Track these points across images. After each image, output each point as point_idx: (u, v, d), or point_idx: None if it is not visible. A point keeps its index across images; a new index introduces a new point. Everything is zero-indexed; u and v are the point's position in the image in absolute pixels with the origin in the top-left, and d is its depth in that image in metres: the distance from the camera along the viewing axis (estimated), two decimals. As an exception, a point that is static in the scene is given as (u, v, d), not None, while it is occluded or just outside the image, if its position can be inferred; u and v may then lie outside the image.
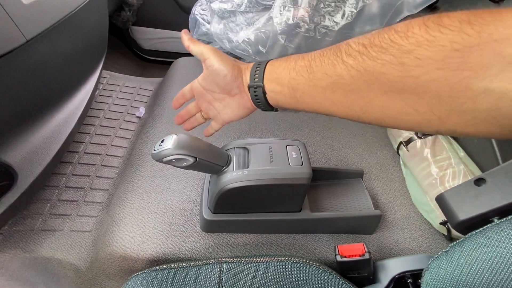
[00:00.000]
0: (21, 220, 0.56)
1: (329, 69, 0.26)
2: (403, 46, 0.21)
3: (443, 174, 0.56)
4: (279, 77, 0.31)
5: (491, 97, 0.18)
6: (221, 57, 0.35)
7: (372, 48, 0.23)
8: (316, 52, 0.28)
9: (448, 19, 0.19)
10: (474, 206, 0.34)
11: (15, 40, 0.44)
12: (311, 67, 0.28)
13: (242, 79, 0.35)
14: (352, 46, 0.24)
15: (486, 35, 0.17)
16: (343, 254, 0.42)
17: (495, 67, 0.17)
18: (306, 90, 0.29)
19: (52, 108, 0.59)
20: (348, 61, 0.24)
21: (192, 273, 0.38)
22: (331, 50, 0.27)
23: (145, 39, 1.21)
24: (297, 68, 0.29)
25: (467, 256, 0.32)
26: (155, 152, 0.38)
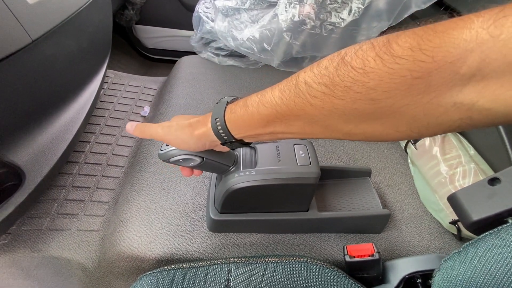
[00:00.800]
0: (29, 219, 0.56)
1: (300, 112, 0.25)
2: (367, 83, 0.21)
3: (453, 173, 0.55)
4: (248, 129, 0.31)
5: (461, 109, 0.19)
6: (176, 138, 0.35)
7: (336, 88, 0.22)
8: (275, 95, 0.27)
9: (399, 48, 0.19)
10: (488, 206, 0.33)
11: (21, 41, 0.44)
12: (279, 113, 0.27)
13: (210, 141, 0.34)
14: (313, 87, 0.24)
15: (440, 59, 0.18)
16: (352, 254, 0.42)
17: (457, 85, 0.18)
18: (284, 130, 0.28)
19: (58, 108, 0.59)
20: (316, 103, 0.24)
21: (201, 274, 0.38)
22: (291, 92, 0.26)
23: (149, 38, 1.21)
24: (263, 117, 0.28)
25: (480, 257, 0.31)
26: (162, 152, 0.38)
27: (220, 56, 0.90)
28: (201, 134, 0.34)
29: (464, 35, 0.17)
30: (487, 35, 0.17)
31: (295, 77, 0.26)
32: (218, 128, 0.32)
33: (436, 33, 0.18)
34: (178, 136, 0.35)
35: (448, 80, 0.18)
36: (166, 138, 0.36)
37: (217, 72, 0.87)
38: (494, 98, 0.17)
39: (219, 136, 0.32)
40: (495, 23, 0.16)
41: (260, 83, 0.84)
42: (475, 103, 0.18)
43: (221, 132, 0.32)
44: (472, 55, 0.17)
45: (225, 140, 0.33)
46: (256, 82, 0.84)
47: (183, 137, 0.35)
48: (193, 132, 0.34)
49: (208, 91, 0.80)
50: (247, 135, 0.32)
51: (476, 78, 0.18)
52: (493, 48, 0.16)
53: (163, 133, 0.36)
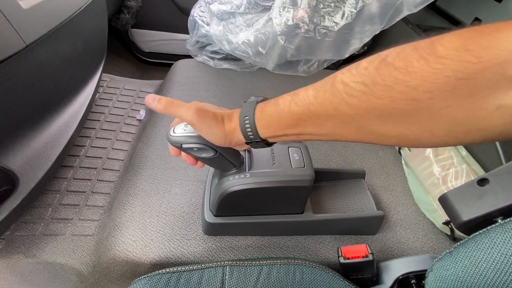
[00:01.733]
0: (23, 225, 0.56)
1: (334, 111, 0.25)
2: (409, 82, 0.20)
3: (446, 174, 0.56)
4: (277, 128, 0.30)
5: (505, 113, 0.19)
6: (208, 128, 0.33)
7: (376, 87, 0.22)
8: (309, 94, 0.27)
9: (443, 48, 0.19)
10: (478, 207, 0.34)
11: (15, 45, 0.44)
12: (311, 112, 0.26)
13: (236, 139, 0.33)
14: (351, 86, 0.24)
15: (487, 59, 0.18)
16: (346, 256, 0.42)
17: (502, 87, 0.18)
18: (313, 131, 0.28)
19: (52, 112, 0.59)
20: (353, 102, 0.24)
21: (195, 277, 0.38)
22: (326, 91, 0.25)
23: (144, 42, 1.21)
24: (294, 115, 0.28)
25: (471, 257, 0.32)
26: (176, 135, 0.35)
27: (216, 60, 0.90)
28: (230, 131, 0.33)
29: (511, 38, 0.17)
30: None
31: (331, 77, 0.26)
32: (246, 126, 0.31)
33: (482, 35, 0.18)
34: (211, 127, 0.33)
35: (493, 82, 0.18)
36: (198, 126, 0.33)
37: (212, 76, 0.87)
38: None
39: (246, 134, 0.32)
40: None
41: (256, 86, 0.84)
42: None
43: (248, 131, 0.31)
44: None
45: (250, 139, 0.32)
46: (252, 85, 0.85)
47: (216, 131, 0.33)
48: (223, 127, 0.33)
49: (203, 94, 0.80)
50: (274, 135, 0.31)
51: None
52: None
53: (196, 119, 0.32)
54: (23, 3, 0.46)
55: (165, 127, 0.70)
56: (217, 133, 0.33)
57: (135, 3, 1.09)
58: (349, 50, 0.74)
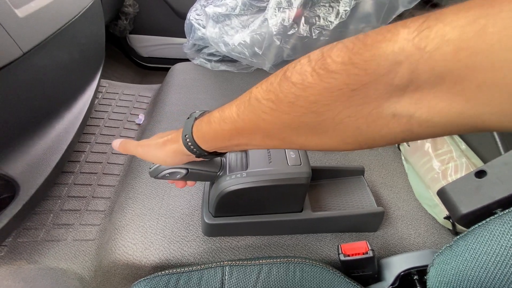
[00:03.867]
0: (25, 231, 0.56)
1: (255, 127, 0.26)
2: (307, 98, 0.21)
3: (445, 168, 0.55)
4: (214, 143, 0.32)
5: (401, 121, 0.19)
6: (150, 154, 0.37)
7: (281, 104, 0.23)
8: (233, 111, 0.28)
9: (333, 63, 0.19)
10: (476, 199, 0.33)
11: (12, 53, 0.45)
12: (238, 129, 0.28)
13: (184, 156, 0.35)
14: (263, 103, 0.24)
15: (372, 71, 0.18)
16: (346, 253, 0.42)
17: (394, 96, 0.18)
18: (247, 142, 0.29)
19: (51, 119, 0.59)
20: (267, 118, 0.24)
21: (195, 278, 0.38)
22: (246, 109, 0.26)
23: (142, 47, 1.22)
24: (225, 133, 0.29)
25: (471, 250, 0.32)
26: (151, 170, 0.40)
27: (213, 62, 0.91)
28: (175, 151, 0.35)
29: (392, 47, 0.17)
30: (413, 47, 0.16)
31: (248, 93, 0.27)
32: (189, 144, 0.33)
33: (366, 46, 0.18)
34: (155, 154, 0.37)
35: (384, 91, 0.18)
36: (146, 157, 0.38)
37: (210, 78, 0.88)
38: (430, 109, 0.17)
39: (191, 150, 0.34)
40: (420, 34, 0.16)
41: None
42: (413, 115, 0.18)
43: (192, 148, 0.33)
44: (401, 67, 0.17)
45: (198, 154, 0.34)
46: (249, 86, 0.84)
47: (160, 155, 0.36)
48: (167, 149, 0.36)
49: (201, 97, 0.80)
50: (216, 148, 0.33)
51: (410, 89, 0.17)
52: (420, 60, 0.16)
53: (142, 152, 0.38)
54: (19, 11, 0.46)
55: (164, 130, 0.71)
56: (161, 157, 0.36)
57: (132, 9, 1.10)
58: (345, 48, 0.74)
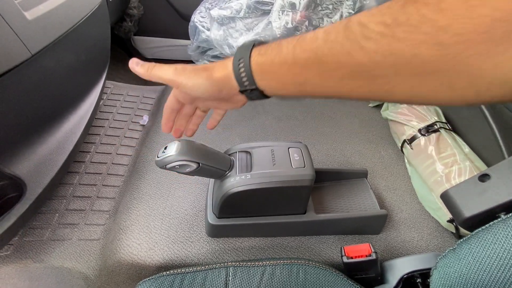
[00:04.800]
0: (31, 230, 0.57)
1: (345, 57, 0.22)
2: (438, 22, 0.17)
3: (449, 171, 0.55)
4: (276, 77, 0.27)
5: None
6: (189, 80, 0.31)
7: (399, 28, 0.19)
8: (318, 36, 0.23)
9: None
10: (480, 203, 0.33)
11: (21, 55, 0.46)
12: (319, 58, 0.23)
13: (228, 89, 0.30)
14: (369, 27, 0.20)
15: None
16: (350, 255, 0.42)
17: None
18: (318, 83, 0.24)
19: (57, 120, 0.60)
20: (369, 46, 0.20)
21: (199, 278, 0.38)
22: (339, 33, 0.22)
23: (147, 49, 1.23)
24: (299, 61, 0.24)
25: (474, 253, 0.32)
26: (159, 159, 0.39)
27: (217, 64, 0.91)
28: (220, 78, 0.30)
29: None
30: None
31: (346, 20, 0.22)
32: (241, 70, 0.28)
33: None
34: (192, 77, 0.30)
35: None
36: (178, 80, 0.31)
37: (214, 80, 0.88)
38: None
39: (240, 80, 0.28)
40: None
41: (257, 89, 0.85)
42: None
43: (242, 76, 0.28)
44: None
45: (245, 87, 0.29)
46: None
47: (197, 80, 0.30)
48: (210, 75, 0.30)
49: (205, 99, 0.81)
50: (272, 85, 0.28)
51: None
52: None
53: (174, 74, 0.31)
54: (28, 14, 0.47)
55: (168, 131, 0.71)
56: (199, 82, 0.30)
57: (137, 11, 1.11)
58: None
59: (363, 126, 0.76)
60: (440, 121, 0.64)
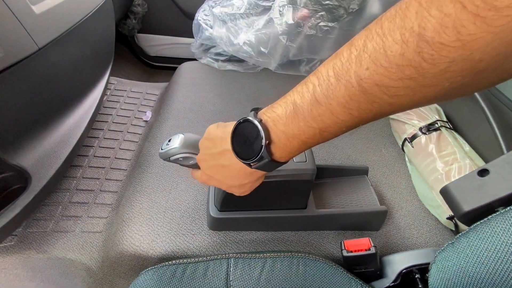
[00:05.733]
0: (35, 222, 0.58)
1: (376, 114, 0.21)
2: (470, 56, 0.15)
3: (449, 169, 0.56)
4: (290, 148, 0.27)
5: None
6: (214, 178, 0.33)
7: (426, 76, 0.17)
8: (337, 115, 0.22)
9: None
10: (479, 197, 0.34)
11: (28, 48, 0.46)
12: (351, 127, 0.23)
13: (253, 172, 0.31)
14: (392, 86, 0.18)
15: None
16: (349, 249, 0.43)
17: None
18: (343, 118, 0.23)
19: (62, 114, 0.61)
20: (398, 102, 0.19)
21: (201, 268, 0.39)
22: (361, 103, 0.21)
23: (150, 46, 1.24)
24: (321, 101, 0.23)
25: (472, 247, 0.32)
26: (163, 151, 0.39)
27: (220, 61, 0.92)
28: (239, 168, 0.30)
29: None
30: None
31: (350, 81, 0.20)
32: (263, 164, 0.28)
33: None
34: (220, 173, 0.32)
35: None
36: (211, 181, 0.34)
37: (217, 77, 0.89)
38: None
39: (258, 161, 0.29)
40: None
41: (259, 87, 0.85)
42: None
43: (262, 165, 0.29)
44: None
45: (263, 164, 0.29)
46: (255, 86, 0.86)
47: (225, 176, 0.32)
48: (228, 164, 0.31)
49: (208, 95, 0.82)
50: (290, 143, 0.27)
51: None
52: None
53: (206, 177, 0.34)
54: (36, 8, 0.48)
55: (171, 127, 0.72)
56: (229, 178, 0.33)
57: (141, 8, 1.12)
58: (351, 49, 0.75)
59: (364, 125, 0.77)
60: (441, 120, 0.65)
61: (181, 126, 0.71)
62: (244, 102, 0.79)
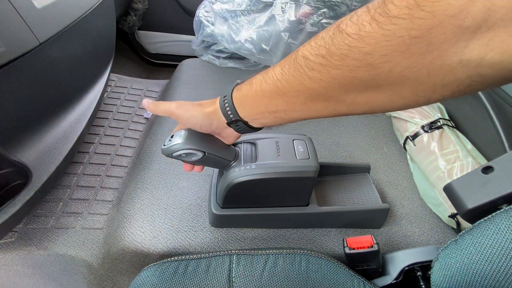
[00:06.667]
0: (36, 218, 0.58)
1: (299, 86, 0.26)
2: (363, 48, 0.20)
3: (451, 167, 0.56)
4: (253, 107, 0.32)
5: (469, 66, 0.18)
6: (186, 112, 0.36)
7: (333, 57, 0.22)
8: (276, 71, 0.27)
9: (395, 8, 0.18)
10: (483, 194, 0.34)
11: (29, 43, 0.46)
12: (279, 89, 0.27)
13: (217, 121, 0.36)
14: (311, 59, 0.24)
15: (440, 13, 0.17)
16: (352, 246, 0.43)
17: (461, 40, 0.17)
18: (288, 108, 0.28)
19: (63, 110, 0.60)
20: (314, 75, 0.24)
21: (203, 265, 0.38)
22: (290, 68, 0.26)
23: (151, 43, 1.23)
24: (266, 93, 0.29)
25: (476, 244, 0.32)
26: (165, 147, 0.39)
27: (221, 59, 0.92)
28: (210, 113, 0.35)
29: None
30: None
31: (294, 53, 0.26)
32: (226, 105, 0.33)
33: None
34: (189, 110, 0.36)
35: (450, 36, 0.17)
36: (177, 112, 0.37)
37: (218, 74, 0.89)
38: (504, 50, 0.16)
39: (226, 114, 0.34)
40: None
41: (260, 84, 0.85)
42: (483, 58, 0.17)
43: (227, 110, 0.33)
44: (475, 4, 0.16)
45: (230, 119, 0.34)
46: (256, 83, 0.86)
47: (193, 113, 0.36)
48: (203, 109, 0.36)
49: (209, 93, 0.81)
50: (251, 115, 0.32)
51: (482, 30, 0.16)
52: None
53: (175, 107, 0.37)
54: (37, 2, 0.47)
55: (171, 124, 0.72)
56: (194, 115, 0.36)
57: (142, 5, 1.11)
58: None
59: (366, 123, 0.76)
60: (443, 118, 0.65)
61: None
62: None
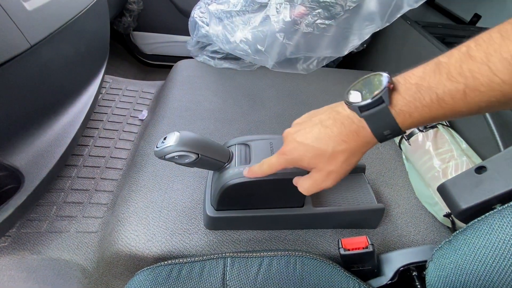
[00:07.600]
0: (29, 222, 0.57)
1: None
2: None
3: (446, 167, 0.56)
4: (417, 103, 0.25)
5: None
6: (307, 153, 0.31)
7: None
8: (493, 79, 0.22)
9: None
10: (476, 194, 0.34)
11: (19, 46, 0.45)
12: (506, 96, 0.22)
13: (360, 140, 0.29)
14: None
15: None
16: (347, 247, 0.42)
17: None
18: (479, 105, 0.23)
19: (56, 112, 0.60)
20: None
21: (197, 268, 0.38)
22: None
23: (146, 44, 1.23)
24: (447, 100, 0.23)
25: (470, 244, 0.32)
26: (158, 149, 0.38)
27: (216, 59, 0.91)
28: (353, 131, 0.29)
29: None
30: None
31: None
32: (388, 136, 0.28)
33: None
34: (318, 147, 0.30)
35: None
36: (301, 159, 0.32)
37: (213, 75, 0.88)
38: None
39: (384, 139, 0.29)
40: None
41: (256, 85, 0.85)
42: None
43: (388, 137, 0.28)
44: None
45: (385, 136, 0.28)
46: (252, 84, 0.86)
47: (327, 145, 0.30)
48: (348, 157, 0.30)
49: (204, 93, 0.81)
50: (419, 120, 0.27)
51: None
52: None
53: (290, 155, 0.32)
54: (28, 4, 0.47)
55: (167, 126, 0.71)
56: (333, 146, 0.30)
57: (137, 6, 1.10)
58: (348, 47, 0.74)
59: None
60: (438, 118, 0.65)
61: (177, 124, 0.70)
62: (241, 101, 0.78)
